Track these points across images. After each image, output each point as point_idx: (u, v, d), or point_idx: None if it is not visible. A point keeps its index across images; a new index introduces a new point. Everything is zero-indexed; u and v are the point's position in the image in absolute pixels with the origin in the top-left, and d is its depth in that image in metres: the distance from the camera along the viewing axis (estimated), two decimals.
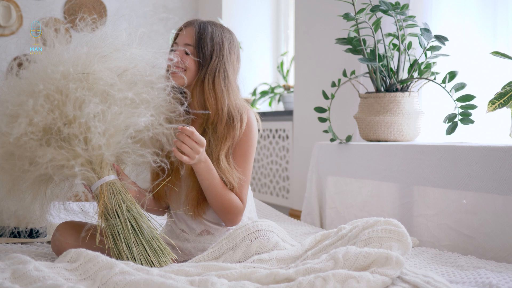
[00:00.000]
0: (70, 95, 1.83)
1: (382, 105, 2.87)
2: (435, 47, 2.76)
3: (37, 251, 2.21)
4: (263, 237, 1.88)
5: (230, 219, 2.11)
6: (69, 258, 1.70)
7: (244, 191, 2.12)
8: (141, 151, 1.96)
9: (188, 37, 2.11)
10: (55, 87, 1.84)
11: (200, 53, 2.09)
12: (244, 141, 2.13)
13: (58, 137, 1.83)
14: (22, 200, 1.96)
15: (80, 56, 1.90)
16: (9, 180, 1.91)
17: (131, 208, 1.93)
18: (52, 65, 1.88)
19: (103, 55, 1.92)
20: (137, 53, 2.00)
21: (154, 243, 1.92)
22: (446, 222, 2.34)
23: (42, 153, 1.81)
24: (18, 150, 1.83)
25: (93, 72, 1.86)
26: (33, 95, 1.83)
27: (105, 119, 1.85)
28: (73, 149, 1.83)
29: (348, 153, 2.94)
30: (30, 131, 1.80)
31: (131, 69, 1.95)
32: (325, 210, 3.07)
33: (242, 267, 1.74)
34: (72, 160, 1.82)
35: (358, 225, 1.82)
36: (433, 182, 2.41)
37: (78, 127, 1.82)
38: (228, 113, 2.11)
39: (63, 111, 1.83)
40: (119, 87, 1.88)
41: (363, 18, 2.78)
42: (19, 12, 5.09)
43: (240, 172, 2.11)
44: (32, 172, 1.85)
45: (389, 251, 1.60)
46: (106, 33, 2.00)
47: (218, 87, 2.10)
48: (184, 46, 2.11)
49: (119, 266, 1.63)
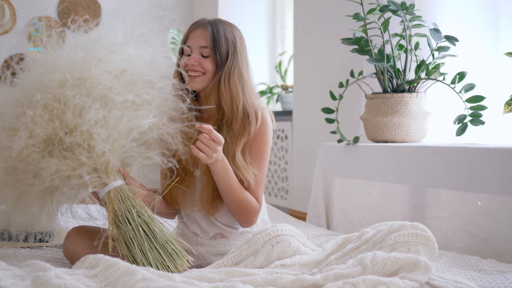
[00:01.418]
0: (68, 102, 1.77)
1: (389, 106, 2.85)
2: (444, 48, 2.74)
3: (46, 256, 2.16)
4: (284, 242, 1.85)
5: (246, 220, 2.07)
6: (87, 264, 1.66)
7: (260, 190, 2.08)
8: (147, 153, 1.92)
9: (203, 39, 2.07)
10: (52, 95, 1.78)
11: (217, 54, 2.05)
12: (260, 138, 2.09)
13: (60, 148, 1.77)
14: (29, 212, 1.90)
15: (75, 62, 1.84)
16: (14, 195, 1.85)
17: (142, 213, 1.88)
18: (47, 73, 1.82)
19: (99, 58, 1.86)
20: (134, 53, 1.94)
21: (168, 246, 1.88)
22: (460, 225, 2.32)
23: (45, 165, 1.75)
24: (21, 164, 1.77)
25: (90, 76, 1.81)
26: (31, 106, 1.77)
27: (107, 124, 1.80)
28: (77, 158, 1.77)
29: (356, 155, 2.92)
30: (31, 144, 1.74)
31: (129, 70, 1.90)
32: (332, 212, 3.04)
33: (265, 272, 1.71)
34: (78, 169, 1.77)
35: (382, 229, 1.79)
36: (446, 184, 2.39)
37: (80, 135, 1.77)
38: (243, 110, 2.08)
39: (63, 120, 1.78)
40: (118, 90, 1.83)
41: (372, 18, 2.76)
42: (13, 11, 5.02)
43: (256, 169, 2.07)
44: (38, 186, 1.79)
45: (417, 256, 1.58)
46: (100, 34, 1.95)
47: (233, 85, 2.07)
48: (200, 49, 2.06)
49: (140, 273, 1.59)
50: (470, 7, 2.90)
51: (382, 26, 2.79)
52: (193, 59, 2.06)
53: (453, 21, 2.95)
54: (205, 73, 2.06)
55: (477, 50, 2.89)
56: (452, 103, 2.86)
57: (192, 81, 2.06)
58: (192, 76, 2.06)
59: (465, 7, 2.93)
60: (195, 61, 2.05)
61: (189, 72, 2.07)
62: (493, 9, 2.82)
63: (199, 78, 2.06)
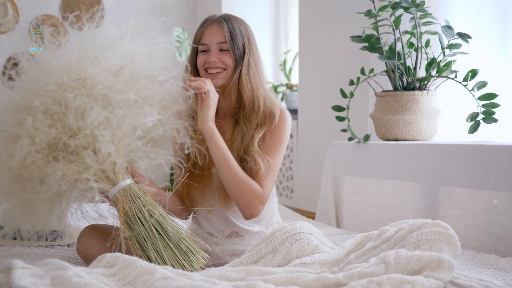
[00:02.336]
0: (69, 105, 1.72)
1: (400, 103, 2.83)
2: (455, 45, 2.72)
3: (58, 254, 2.14)
4: (303, 240, 1.82)
5: (248, 205, 1.97)
6: (105, 263, 1.63)
7: (269, 177, 2.01)
8: (154, 152, 1.87)
9: (220, 35, 2.05)
10: (52, 99, 1.73)
11: (236, 49, 2.04)
12: (278, 132, 2.06)
13: (66, 152, 1.73)
14: (38, 215, 1.87)
15: (71, 62, 1.79)
16: (22, 203, 1.81)
17: (153, 212, 1.84)
18: (44, 77, 1.77)
19: (95, 56, 1.81)
20: (131, 47, 1.88)
21: (182, 244, 1.84)
22: (474, 223, 2.30)
23: (51, 170, 1.70)
24: (25, 172, 1.73)
25: (89, 76, 1.76)
26: (31, 112, 1.72)
27: (111, 125, 1.75)
28: (83, 161, 1.73)
29: (366, 153, 2.90)
30: (34, 150, 1.69)
31: (128, 66, 1.84)
32: (342, 211, 3.03)
33: (286, 271, 1.68)
34: (84, 172, 1.73)
35: (403, 227, 1.77)
36: (460, 182, 2.37)
37: (84, 138, 1.72)
38: (264, 103, 2.06)
39: (66, 123, 1.73)
40: (119, 88, 1.78)
41: (384, 15, 2.74)
42: (16, 10, 4.99)
43: (269, 157, 2.04)
44: (44, 193, 1.74)
45: (440, 254, 1.56)
46: (94, 31, 1.89)
47: (253, 79, 2.06)
48: (218, 45, 2.04)
49: (160, 271, 1.56)
50: (480, 4, 2.89)
51: (393, 23, 2.77)
52: (214, 55, 2.03)
53: (463, 18, 2.94)
54: (226, 68, 2.05)
55: (487, 48, 2.87)
56: (463, 101, 2.85)
57: (214, 78, 2.04)
58: (213, 74, 2.04)
59: (475, 4, 2.91)
60: (216, 58, 2.03)
61: (209, 70, 2.04)
62: (503, 6, 2.81)
63: (220, 74, 2.04)
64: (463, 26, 2.86)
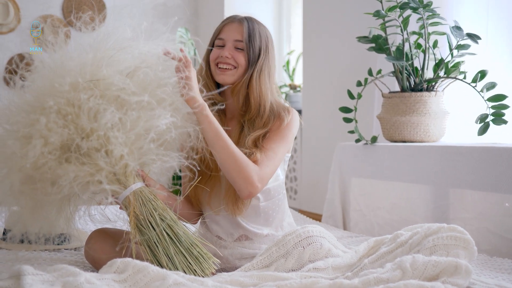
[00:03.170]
0: (82, 106, 1.70)
1: (408, 105, 2.80)
2: (464, 46, 2.70)
3: (66, 258, 2.11)
4: (315, 243, 1.79)
5: (245, 181, 1.89)
6: (115, 268, 1.60)
7: (265, 162, 1.95)
8: (166, 156, 1.84)
9: (239, 33, 2.03)
10: (65, 100, 1.71)
11: (251, 50, 2.02)
12: (281, 127, 2.02)
13: (78, 154, 1.70)
14: (47, 218, 1.84)
15: (86, 63, 1.77)
16: (31, 205, 1.78)
17: (164, 216, 1.81)
18: (58, 77, 1.74)
19: (109, 57, 1.79)
20: (145, 49, 1.86)
21: (194, 249, 1.81)
22: (486, 226, 2.28)
23: (63, 172, 1.68)
24: (37, 172, 1.70)
25: (103, 78, 1.74)
26: (44, 112, 1.70)
27: (124, 127, 1.73)
28: (95, 163, 1.70)
29: (374, 154, 2.87)
30: (47, 151, 1.67)
31: (142, 68, 1.84)
32: (349, 213, 3.00)
33: (299, 276, 1.65)
34: (96, 174, 1.70)
35: (418, 231, 1.74)
36: (471, 185, 2.34)
37: (97, 139, 1.70)
38: (270, 109, 2.04)
39: (79, 125, 1.70)
40: (132, 90, 1.76)
41: (393, 16, 2.71)
42: (17, 10, 4.96)
43: (268, 146, 1.99)
44: (56, 194, 1.71)
45: (457, 259, 1.53)
46: (108, 31, 1.87)
47: (263, 83, 2.03)
48: (234, 42, 2.03)
49: (172, 277, 1.53)
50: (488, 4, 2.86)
51: (402, 23, 2.74)
52: (227, 51, 2.01)
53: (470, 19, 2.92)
54: (236, 67, 2.02)
55: (495, 48, 2.85)
56: (471, 102, 2.82)
57: (223, 74, 2.02)
58: (223, 69, 2.02)
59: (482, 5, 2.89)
60: (229, 54, 2.01)
61: (220, 65, 2.02)
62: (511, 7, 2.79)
63: (230, 71, 2.02)
64: (471, 26, 2.83)
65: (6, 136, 1.75)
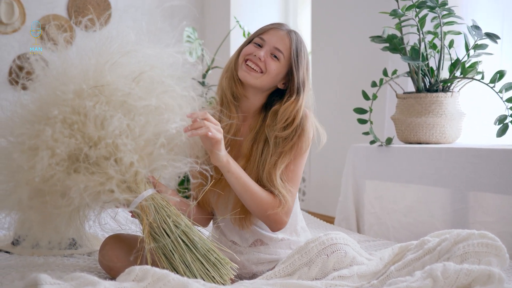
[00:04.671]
0: (88, 114, 1.63)
1: (423, 106, 2.75)
2: (481, 46, 2.65)
3: (79, 264, 2.06)
4: (339, 251, 1.74)
5: (274, 222, 1.92)
6: (133, 276, 1.54)
7: (291, 191, 1.96)
8: (178, 162, 1.78)
9: (282, 43, 1.96)
10: (70, 108, 1.64)
11: (294, 65, 1.95)
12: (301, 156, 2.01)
13: (87, 163, 1.64)
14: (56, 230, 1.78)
15: (88, 69, 1.70)
16: (41, 219, 1.72)
17: (178, 222, 1.75)
18: (61, 85, 1.67)
19: (113, 62, 1.72)
20: (150, 53, 1.80)
21: (211, 256, 1.76)
22: (508, 230, 2.23)
23: (73, 183, 1.61)
24: (46, 185, 1.63)
25: (107, 83, 1.67)
26: (49, 123, 1.63)
27: (133, 133, 1.67)
28: (105, 172, 1.64)
29: (389, 156, 2.82)
30: (54, 163, 1.60)
31: (147, 72, 1.76)
32: (363, 215, 2.95)
33: (324, 285, 1.60)
34: (106, 183, 1.63)
35: (447, 237, 1.68)
36: (492, 188, 2.29)
37: (105, 147, 1.64)
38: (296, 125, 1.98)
39: (86, 133, 1.64)
40: (139, 95, 1.69)
41: (410, 15, 2.66)
42: (22, 9, 4.91)
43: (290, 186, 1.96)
44: (66, 207, 1.65)
45: (490, 267, 1.47)
46: (111, 35, 1.80)
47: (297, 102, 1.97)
48: (274, 49, 1.96)
49: (193, 286, 1.48)
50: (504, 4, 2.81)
51: (419, 23, 2.69)
52: (264, 52, 1.95)
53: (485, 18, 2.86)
54: (263, 72, 1.95)
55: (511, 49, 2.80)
56: (488, 103, 2.77)
57: (247, 72, 1.95)
58: (249, 67, 1.95)
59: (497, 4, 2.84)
60: (263, 57, 1.95)
61: (248, 62, 1.96)
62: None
63: (255, 73, 1.95)
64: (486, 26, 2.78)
65: (11, 149, 1.68)
